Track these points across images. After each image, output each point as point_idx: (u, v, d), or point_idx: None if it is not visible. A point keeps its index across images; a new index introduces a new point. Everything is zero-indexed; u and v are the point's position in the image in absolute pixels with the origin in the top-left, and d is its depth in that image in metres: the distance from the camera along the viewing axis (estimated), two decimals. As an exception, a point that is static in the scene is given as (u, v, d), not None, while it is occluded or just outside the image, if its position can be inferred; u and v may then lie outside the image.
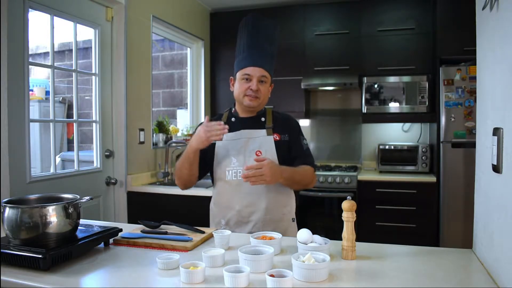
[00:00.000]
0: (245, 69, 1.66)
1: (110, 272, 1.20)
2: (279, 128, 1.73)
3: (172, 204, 2.82)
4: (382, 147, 3.58)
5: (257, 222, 1.66)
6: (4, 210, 1.21)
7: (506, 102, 1.06)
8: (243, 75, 1.67)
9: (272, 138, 1.70)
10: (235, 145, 1.70)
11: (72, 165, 2.71)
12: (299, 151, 1.74)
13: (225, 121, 1.75)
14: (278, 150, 1.69)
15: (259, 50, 1.68)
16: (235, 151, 1.69)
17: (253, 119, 1.75)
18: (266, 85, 1.69)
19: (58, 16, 2.46)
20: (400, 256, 1.33)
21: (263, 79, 1.67)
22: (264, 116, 1.76)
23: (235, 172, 1.68)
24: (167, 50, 4.90)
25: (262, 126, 1.73)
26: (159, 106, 4.86)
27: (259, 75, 1.66)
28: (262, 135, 1.70)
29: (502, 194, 1.07)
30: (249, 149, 1.68)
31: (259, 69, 1.66)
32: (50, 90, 2.53)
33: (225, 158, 1.70)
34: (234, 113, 1.79)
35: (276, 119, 1.76)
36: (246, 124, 1.74)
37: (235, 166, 1.68)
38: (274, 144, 1.69)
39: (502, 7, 1.09)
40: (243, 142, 1.70)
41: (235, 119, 1.76)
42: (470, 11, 1.48)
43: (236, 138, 1.71)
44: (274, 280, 1.00)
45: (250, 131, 1.71)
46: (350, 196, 1.30)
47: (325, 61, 3.73)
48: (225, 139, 1.70)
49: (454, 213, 3.14)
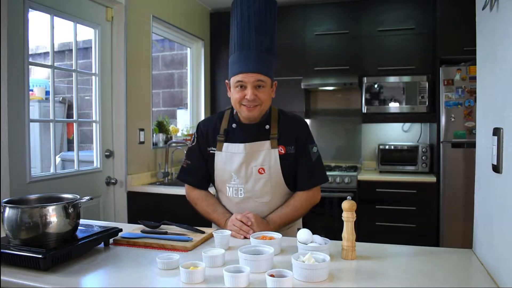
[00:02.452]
0: (238, 75, 1.48)
1: (110, 272, 1.20)
2: (285, 138, 1.58)
3: (172, 204, 2.82)
4: (382, 147, 3.58)
5: None
6: (4, 210, 1.21)
7: (506, 102, 1.06)
8: (237, 83, 1.49)
9: (277, 151, 1.55)
10: (235, 160, 1.57)
11: (72, 165, 2.71)
12: (305, 166, 1.58)
13: (226, 127, 1.62)
14: (283, 165, 1.55)
15: (251, 48, 1.49)
16: (235, 167, 1.56)
17: (256, 126, 1.58)
18: (265, 89, 1.50)
19: (58, 16, 2.46)
20: (400, 256, 1.33)
21: (260, 84, 1.48)
22: (269, 121, 1.59)
23: (236, 190, 1.59)
24: (167, 50, 4.90)
25: (267, 135, 1.57)
26: (159, 106, 4.86)
27: (253, 80, 1.46)
28: (265, 148, 1.55)
29: (502, 194, 1.07)
30: (251, 165, 1.56)
31: (254, 75, 1.46)
32: (50, 90, 2.53)
33: (224, 173, 1.59)
34: (236, 117, 1.62)
35: (282, 125, 1.60)
36: (248, 134, 1.57)
37: (236, 184, 1.58)
38: (278, 158, 1.55)
39: (502, 7, 1.09)
40: (244, 158, 1.55)
41: (236, 125, 1.61)
42: (470, 11, 1.48)
43: (237, 151, 1.57)
44: (274, 280, 1.00)
45: (252, 144, 1.56)
46: (350, 196, 1.30)
47: (325, 61, 3.73)
48: (224, 150, 1.59)
49: (454, 213, 3.14)
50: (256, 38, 1.50)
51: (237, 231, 1.50)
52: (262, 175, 1.56)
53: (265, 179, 1.56)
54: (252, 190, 1.58)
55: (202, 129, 1.68)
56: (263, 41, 1.51)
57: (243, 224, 1.50)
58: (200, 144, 1.67)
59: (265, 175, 1.56)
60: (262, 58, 1.50)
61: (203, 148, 1.66)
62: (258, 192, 1.58)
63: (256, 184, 1.57)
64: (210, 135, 1.64)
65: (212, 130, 1.65)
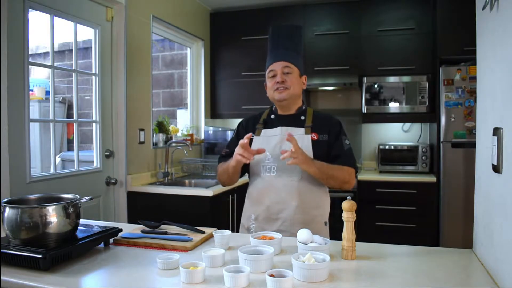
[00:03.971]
0: (269, 66, 1.72)
1: (110, 272, 1.20)
2: (318, 127, 1.71)
3: (172, 204, 2.82)
4: (382, 147, 3.58)
5: (285, 220, 1.63)
6: (4, 210, 1.21)
7: (506, 102, 1.06)
8: (269, 72, 1.72)
9: (309, 137, 1.68)
10: (271, 141, 1.70)
11: (72, 165, 2.71)
12: (339, 150, 1.69)
13: (265, 117, 1.79)
14: (315, 150, 1.66)
15: (280, 48, 1.73)
16: (270, 147, 1.69)
17: (293, 116, 1.75)
18: (292, 75, 1.69)
19: (58, 16, 2.46)
20: (400, 256, 1.33)
21: (287, 70, 1.69)
22: (304, 114, 1.75)
23: (269, 168, 1.69)
24: (167, 50, 4.91)
25: (301, 124, 1.72)
26: (159, 106, 4.87)
27: (281, 67, 1.68)
28: (300, 133, 1.69)
29: (502, 194, 1.07)
30: (285, 146, 1.65)
31: (281, 62, 1.69)
32: (50, 90, 2.53)
33: (260, 154, 1.67)
34: (274, 110, 1.80)
35: (316, 119, 1.74)
36: (284, 121, 1.74)
37: (270, 162, 1.68)
38: (311, 143, 1.67)
39: (502, 7, 1.09)
40: (279, 139, 1.69)
41: (275, 116, 1.78)
42: (470, 11, 1.48)
43: (273, 134, 1.72)
44: (274, 280, 1.00)
45: (287, 128, 1.71)
46: (350, 196, 1.30)
47: (325, 61, 3.73)
48: (262, 134, 1.73)
49: (454, 213, 3.14)
50: (284, 42, 1.75)
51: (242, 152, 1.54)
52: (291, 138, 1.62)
53: None
54: (283, 168, 1.66)
55: (243, 122, 1.86)
56: (291, 45, 1.75)
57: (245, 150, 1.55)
58: (240, 134, 1.79)
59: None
60: (289, 53, 1.73)
61: (242, 138, 1.71)
62: (289, 170, 1.65)
63: None
64: (250, 126, 1.81)
65: (253, 121, 1.82)
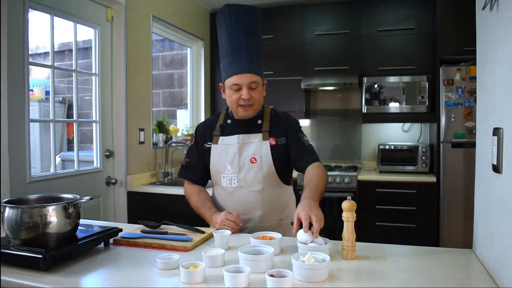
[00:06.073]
0: (232, 77, 1.56)
1: (110, 272, 1.20)
2: (276, 130, 1.67)
3: (172, 204, 2.82)
4: (382, 147, 3.58)
5: (252, 229, 1.65)
6: (4, 210, 1.21)
7: (506, 102, 1.05)
8: (232, 85, 1.57)
9: (268, 143, 1.64)
10: (229, 151, 1.66)
11: (72, 165, 2.71)
12: (301, 149, 1.65)
13: (221, 122, 1.72)
14: (274, 155, 1.64)
15: (242, 51, 1.57)
16: (229, 158, 1.66)
17: (250, 121, 1.67)
18: (257, 90, 1.60)
19: (58, 16, 2.46)
20: (400, 256, 1.33)
21: (253, 86, 1.57)
22: (261, 117, 1.70)
23: (230, 180, 1.66)
24: (167, 50, 4.90)
25: (259, 129, 1.67)
26: (159, 106, 4.87)
27: (248, 82, 1.55)
28: (257, 140, 1.65)
29: (502, 194, 1.07)
30: (243, 155, 1.64)
31: (247, 75, 1.55)
32: (50, 90, 2.53)
33: (219, 164, 1.68)
34: (231, 114, 1.73)
35: (273, 120, 1.70)
36: (241, 127, 1.68)
37: (230, 173, 1.66)
38: (270, 149, 1.64)
39: (502, 7, 1.09)
40: (237, 148, 1.65)
41: (231, 121, 1.71)
42: (470, 11, 1.48)
43: (230, 143, 1.67)
44: (274, 280, 1.00)
45: (244, 136, 1.66)
46: (350, 196, 1.30)
47: (325, 61, 3.73)
48: (220, 142, 1.68)
49: (454, 213, 3.14)
50: (246, 41, 1.59)
51: (233, 225, 1.56)
52: (254, 165, 1.64)
53: (257, 169, 1.64)
54: (244, 179, 1.65)
55: (200, 128, 1.80)
56: (252, 44, 1.61)
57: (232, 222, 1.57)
58: (198, 143, 1.78)
59: (256, 164, 1.63)
60: (253, 59, 1.59)
61: (200, 146, 1.76)
62: (250, 181, 1.65)
63: (248, 173, 1.65)
64: (207, 132, 1.75)
65: (209, 127, 1.76)
